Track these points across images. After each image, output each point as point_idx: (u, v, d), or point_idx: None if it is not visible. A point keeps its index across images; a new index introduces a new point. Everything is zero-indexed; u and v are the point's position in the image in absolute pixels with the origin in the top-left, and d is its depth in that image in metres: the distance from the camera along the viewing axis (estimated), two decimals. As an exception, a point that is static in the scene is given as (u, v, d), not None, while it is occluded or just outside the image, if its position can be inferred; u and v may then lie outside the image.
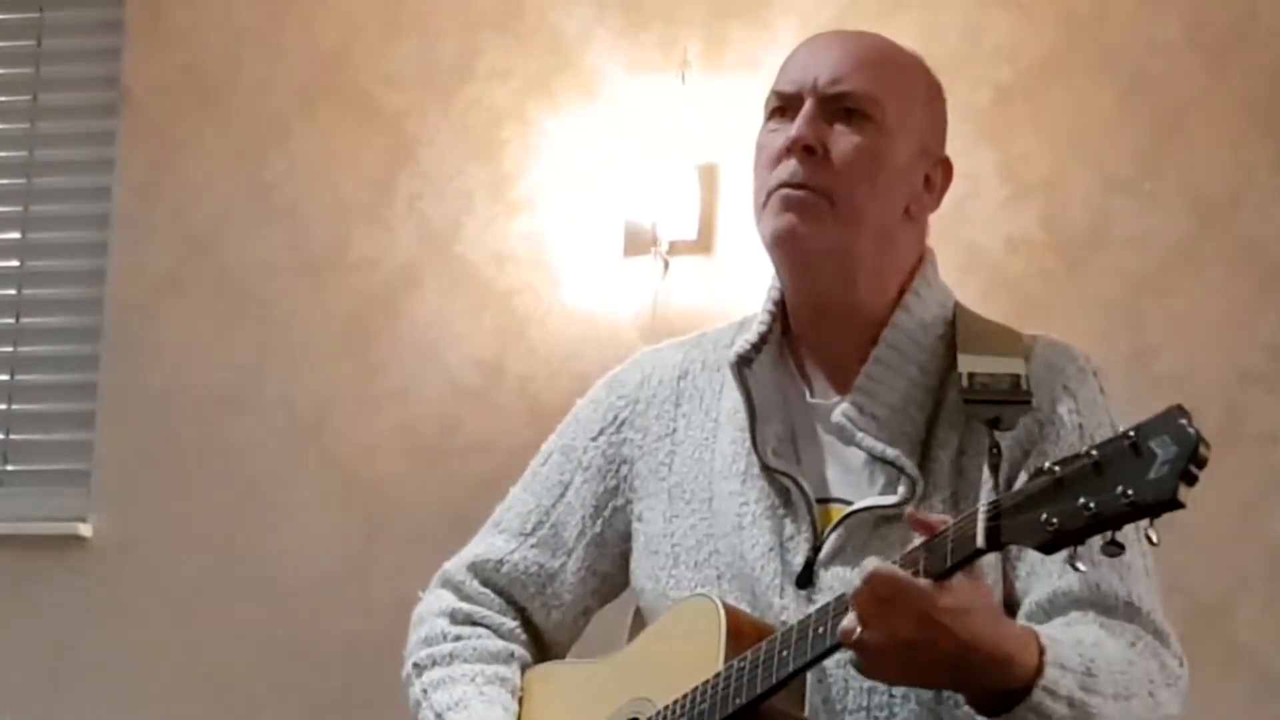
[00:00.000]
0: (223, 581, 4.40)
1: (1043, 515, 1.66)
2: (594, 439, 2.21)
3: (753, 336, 2.11)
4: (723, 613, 1.96)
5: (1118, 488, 1.61)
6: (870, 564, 1.75)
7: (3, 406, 4.69)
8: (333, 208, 4.51)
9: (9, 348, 4.71)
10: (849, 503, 2.03)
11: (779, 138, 2.07)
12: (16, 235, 4.77)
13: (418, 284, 4.43)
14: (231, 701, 4.35)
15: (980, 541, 1.71)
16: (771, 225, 2.06)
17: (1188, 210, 4.02)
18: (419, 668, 2.19)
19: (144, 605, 4.44)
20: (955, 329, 2.08)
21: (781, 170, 2.05)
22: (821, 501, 2.05)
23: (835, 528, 2.02)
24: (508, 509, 2.26)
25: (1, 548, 4.54)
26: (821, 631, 1.82)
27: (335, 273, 4.48)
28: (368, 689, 4.09)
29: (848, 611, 1.77)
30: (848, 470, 2.05)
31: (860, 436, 2.02)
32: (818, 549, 2.02)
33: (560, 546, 2.21)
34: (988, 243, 4.08)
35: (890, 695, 1.97)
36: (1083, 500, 1.63)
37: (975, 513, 1.72)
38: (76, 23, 4.80)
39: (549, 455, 2.25)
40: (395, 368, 4.41)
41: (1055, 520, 1.65)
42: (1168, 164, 4.05)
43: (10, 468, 4.67)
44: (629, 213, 4.28)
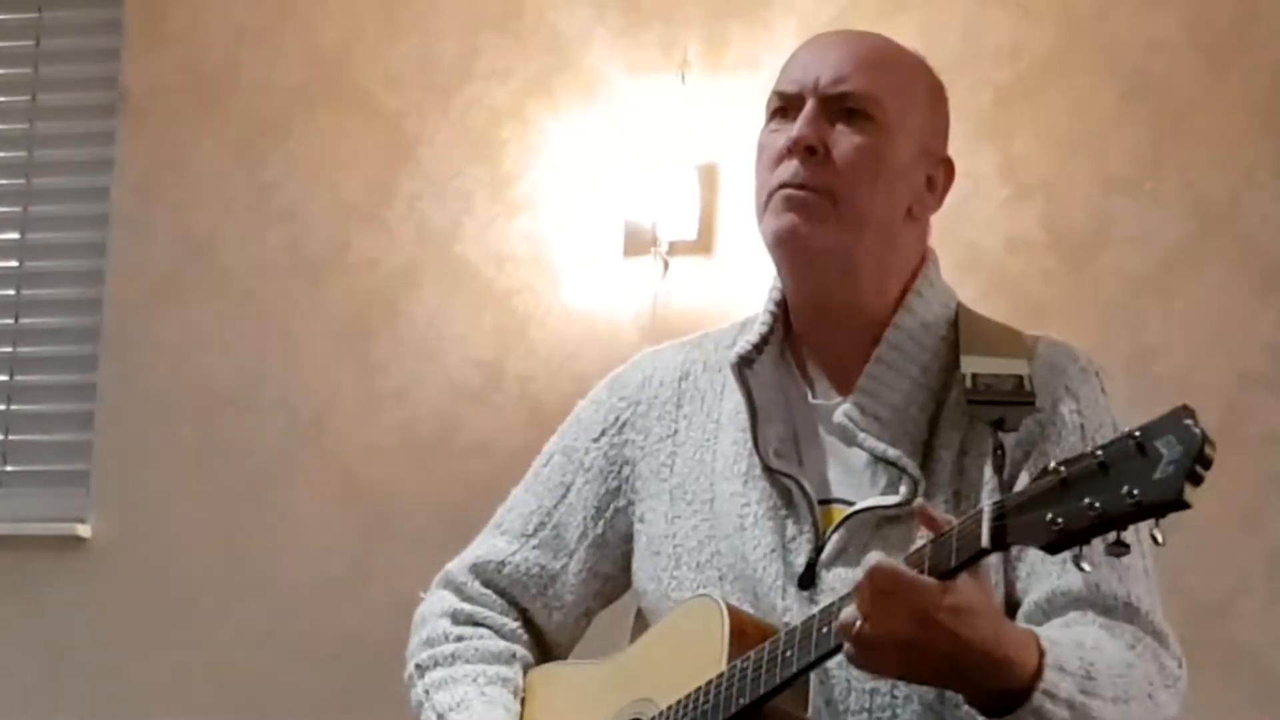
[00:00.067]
0: (222, 582, 4.40)
1: (1048, 515, 1.65)
2: (595, 440, 2.21)
3: (754, 337, 2.10)
4: (725, 613, 1.96)
5: (1123, 488, 1.60)
6: (873, 558, 1.75)
7: (2, 407, 4.68)
8: (332, 208, 4.50)
9: (8, 348, 4.70)
10: (851, 503, 2.03)
11: (780, 138, 2.07)
12: (15, 236, 4.76)
13: (417, 284, 4.42)
14: (231, 702, 4.34)
15: (985, 541, 1.70)
16: (773, 225, 2.05)
17: (1188, 210, 4.02)
18: (421, 669, 2.18)
19: (143, 606, 4.43)
20: (958, 329, 2.07)
21: (783, 170, 2.05)
22: (823, 502, 2.05)
23: (837, 528, 2.01)
24: (509, 510, 2.26)
25: (1, 548, 4.53)
26: (825, 631, 1.82)
27: (335, 273, 4.48)
28: (367, 689, 4.08)
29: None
30: (850, 471, 2.05)
31: (862, 437, 2.02)
32: (819, 550, 2.02)
33: (562, 548, 2.21)
34: (988, 243, 4.08)
35: (893, 697, 1.96)
36: (1088, 500, 1.62)
37: (980, 512, 1.72)
38: (75, 23, 4.79)
39: (550, 456, 2.25)
40: (395, 368, 4.40)
41: (1060, 520, 1.64)
42: (1168, 164, 4.04)
43: (9, 468, 4.66)
44: (629, 213, 4.28)
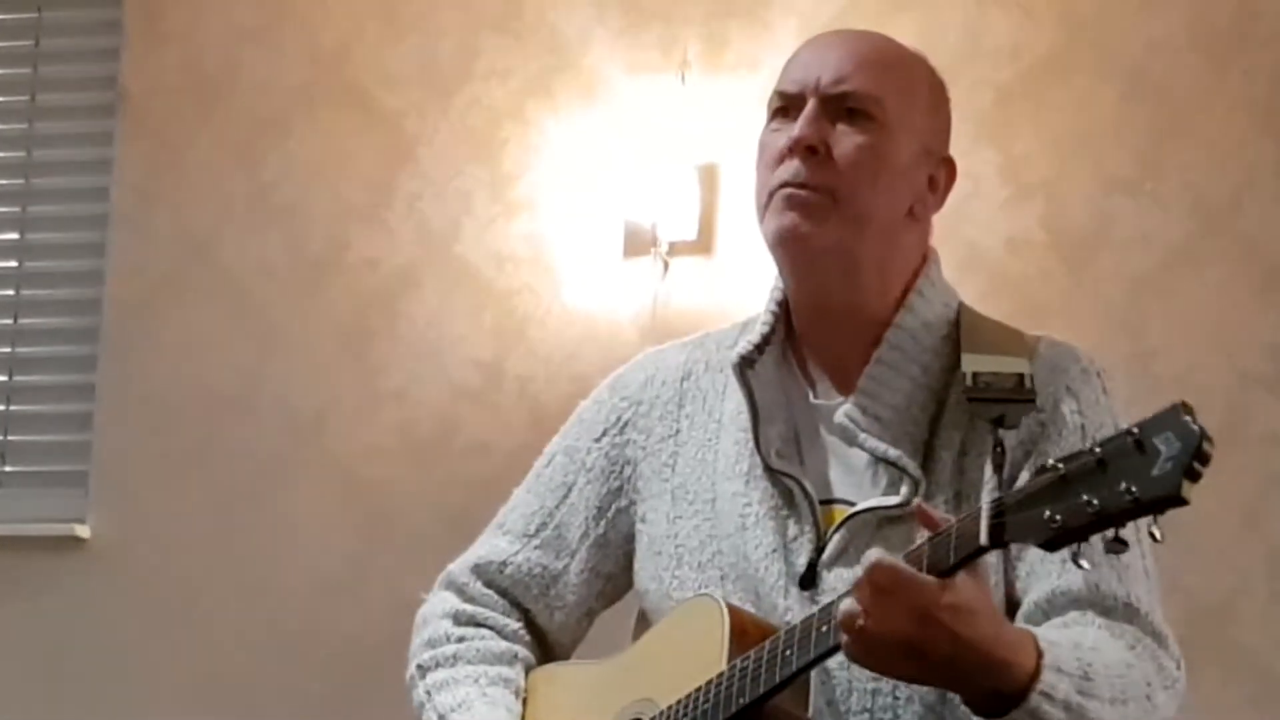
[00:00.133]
0: (221, 583, 4.40)
1: (1046, 512, 1.64)
2: (597, 440, 2.21)
3: (755, 337, 2.10)
4: (726, 612, 1.96)
5: (1121, 484, 1.60)
6: (873, 554, 1.75)
7: (1, 407, 4.68)
8: (332, 208, 4.50)
9: (7, 349, 4.70)
10: (852, 504, 2.03)
11: (781, 137, 2.07)
12: (15, 236, 4.76)
13: (417, 284, 4.42)
14: (231, 703, 4.34)
15: (984, 539, 1.70)
16: (774, 225, 2.05)
17: (1189, 211, 4.02)
18: (423, 669, 2.18)
19: (142, 607, 4.43)
20: (959, 329, 2.07)
21: (784, 170, 2.05)
22: (825, 503, 2.05)
23: (838, 529, 2.01)
24: (511, 510, 2.26)
25: (0, 549, 4.53)
26: (824, 630, 1.82)
27: (334, 273, 4.48)
28: (367, 689, 4.07)
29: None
30: (851, 471, 2.05)
31: (863, 437, 2.02)
32: (821, 550, 2.01)
33: (564, 548, 2.21)
34: (988, 243, 4.07)
35: (894, 697, 1.96)
36: (1086, 497, 1.62)
37: (979, 510, 1.71)
38: (75, 23, 4.79)
39: (552, 456, 2.25)
40: (395, 368, 4.40)
41: (1059, 517, 1.64)
42: (1169, 164, 4.04)
43: (8, 469, 4.66)
44: (629, 213, 4.27)
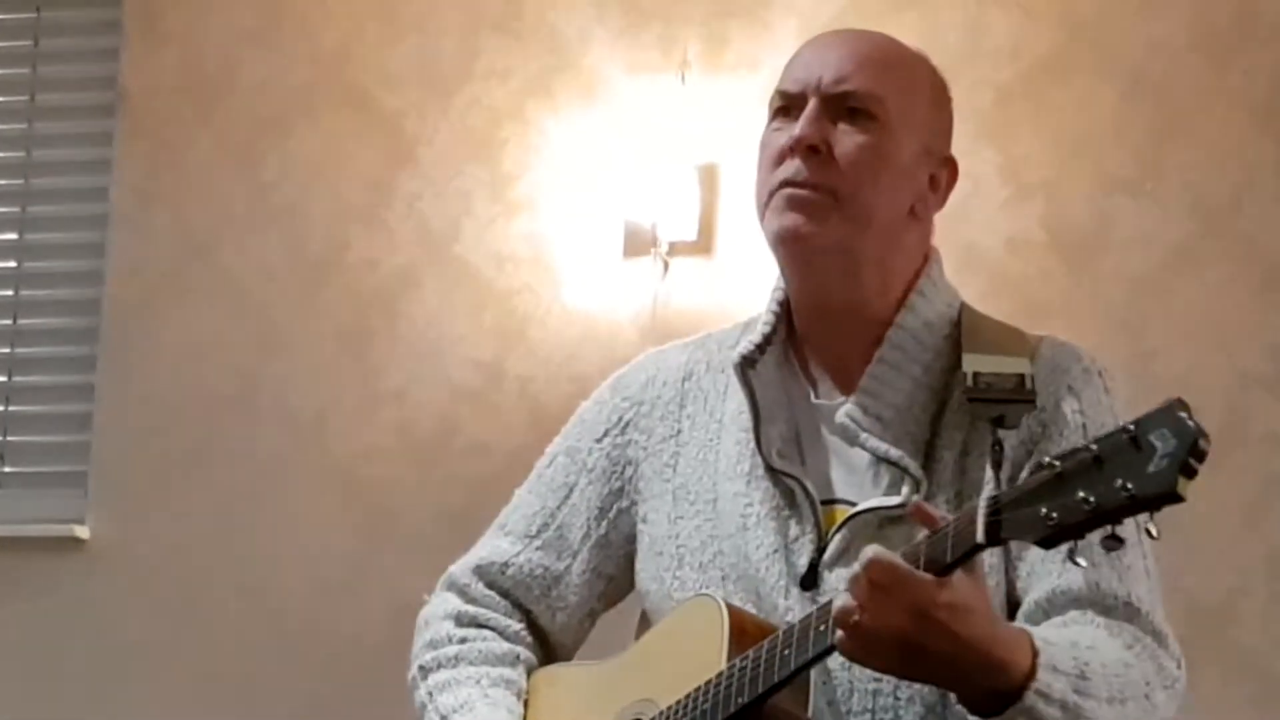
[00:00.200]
0: (221, 583, 4.39)
1: (1042, 510, 1.64)
2: (599, 441, 2.20)
3: (756, 337, 2.10)
4: (725, 612, 1.96)
5: (1117, 481, 1.59)
6: (871, 551, 1.74)
7: (0, 408, 4.68)
8: (332, 208, 4.50)
9: (6, 349, 4.69)
10: (853, 504, 2.02)
11: (783, 137, 2.06)
12: (14, 236, 4.76)
13: (417, 285, 4.42)
14: (230, 703, 4.34)
15: (980, 536, 1.70)
16: (775, 224, 2.05)
17: (1189, 211, 4.01)
18: (424, 670, 2.18)
19: (142, 607, 4.43)
20: (961, 329, 2.07)
21: (785, 169, 2.05)
22: (826, 503, 2.04)
23: (839, 529, 2.01)
24: (513, 511, 2.26)
25: (-1, 550, 4.54)
26: (822, 629, 1.81)
27: (334, 273, 4.47)
28: (367, 690, 4.07)
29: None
30: (852, 471, 2.05)
31: (864, 437, 2.01)
32: (822, 550, 2.01)
33: (565, 549, 2.20)
34: (988, 243, 4.07)
35: (895, 698, 1.96)
36: (1082, 494, 1.62)
37: (975, 508, 1.71)
38: (74, 23, 4.79)
39: (554, 457, 2.25)
40: (394, 369, 4.40)
41: (1055, 515, 1.63)
42: (1169, 165, 4.04)
43: (7, 469, 4.66)
44: (629, 213, 4.27)
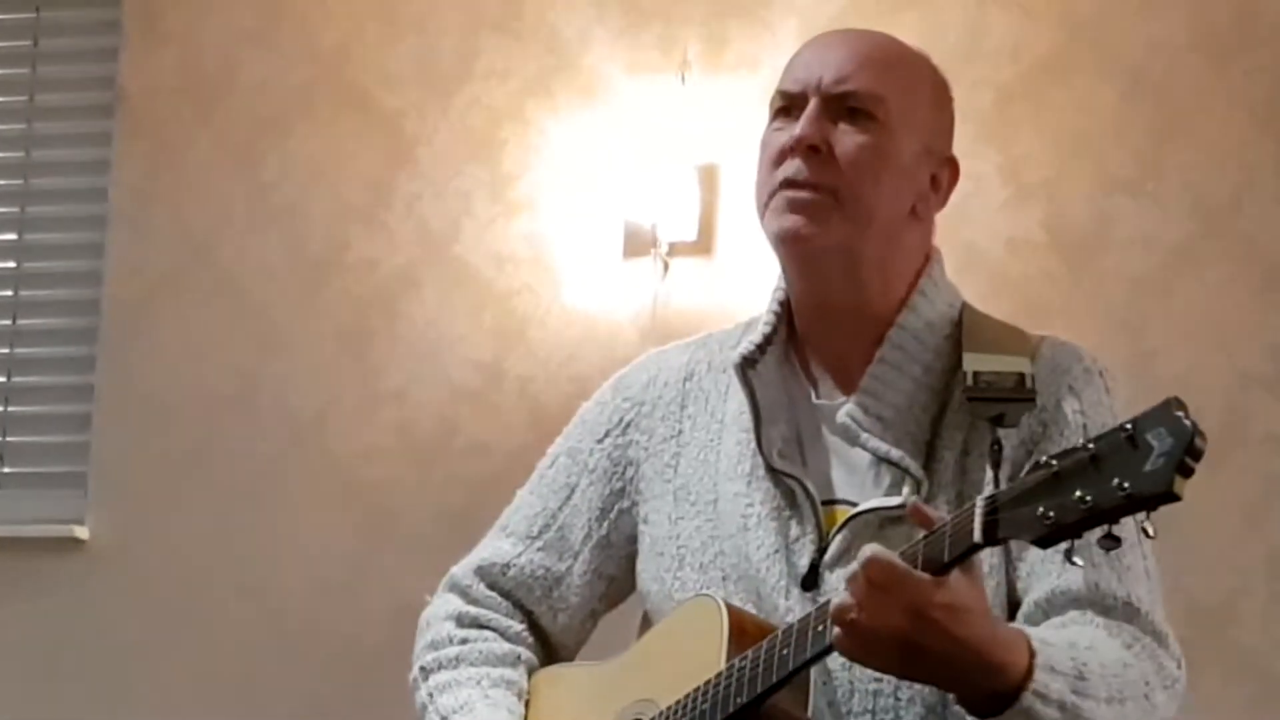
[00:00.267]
0: (220, 584, 4.39)
1: (1039, 509, 1.64)
2: (600, 441, 2.20)
3: (757, 338, 2.10)
4: (725, 612, 1.95)
5: (1114, 480, 1.60)
6: (869, 549, 1.74)
7: (0, 408, 4.68)
8: (331, 208, 4.49)
9: (5, 349, 4.69)
10: (854, 504, 2.02)
11: (783, 137, 2.06)
12: (13, 236, 4.75)
13: (417, 285, 4.41)
14: (229, 704, 4.34)
15: (977, 536, 1.70)
16: (776, 224, 2.05)
17: (1189, 211, 4.01)
18: (425, 671, 2.18)
19: (141, 608, 4.42)
20: (961, 329, 2.07)
21: (786, 169, 2.05)
22: (827, 503, 2.04)
23: (840, 529, 2.01)
24: (514, 512, 2.26)
25: (-2, 550, 4.53)
26: (821, 629, 1.81)
27: (334, 274, 4.47)
28: (366, 691, 4.07)
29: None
30: (853, 471, 2.04)
31: (865, 437, 2.01)
32: (823, 551, 2.01)
33: (567, 549, 2.20)
34: (988, 244, 4.07)
35: (896, 698, 1.96)
36: (1079, 493, 1.62)
37: (972, 507, 1.71)
38: (73, 23, 4.78)
39: (555, 458, 2.24)
40: (394, 369, 4.39)
41: (1052, 514, 1.64)
42: (1169, 165, 4.04)
43: (7, 470, 4.65)
44: (629, 213, 4.27)
